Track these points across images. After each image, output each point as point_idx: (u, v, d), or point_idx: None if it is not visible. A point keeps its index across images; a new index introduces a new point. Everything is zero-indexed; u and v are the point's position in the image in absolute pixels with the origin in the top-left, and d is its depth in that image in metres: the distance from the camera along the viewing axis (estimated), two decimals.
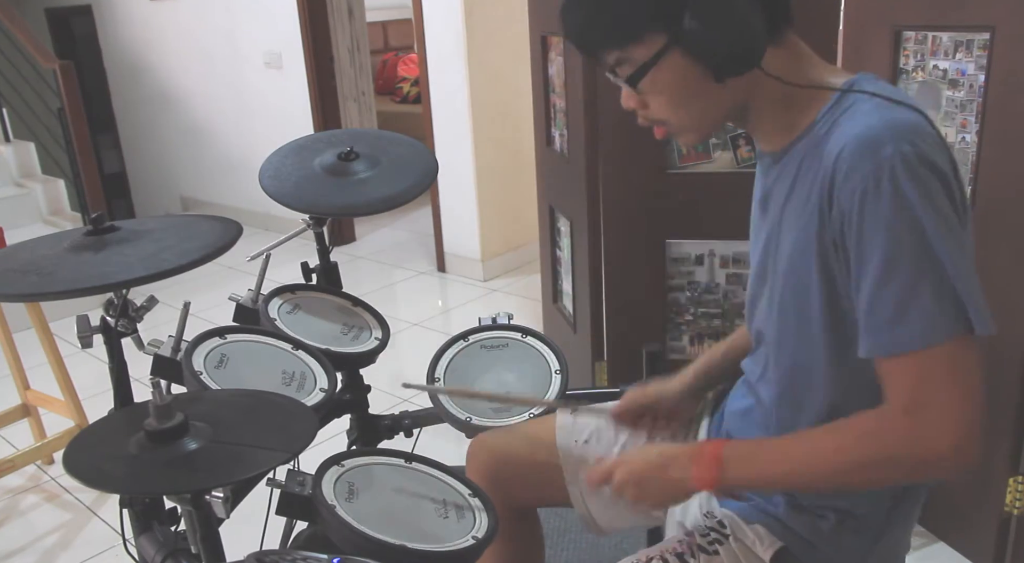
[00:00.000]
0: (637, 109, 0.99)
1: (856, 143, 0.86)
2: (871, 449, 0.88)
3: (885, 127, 0.85)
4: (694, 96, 0.95)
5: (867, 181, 0.84)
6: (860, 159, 0.85)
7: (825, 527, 1.03)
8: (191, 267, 1.19)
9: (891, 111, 0.88)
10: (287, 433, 1.05)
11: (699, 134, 1.01)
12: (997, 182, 1.72)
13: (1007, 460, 1.80)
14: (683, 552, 1.06)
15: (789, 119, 0.97)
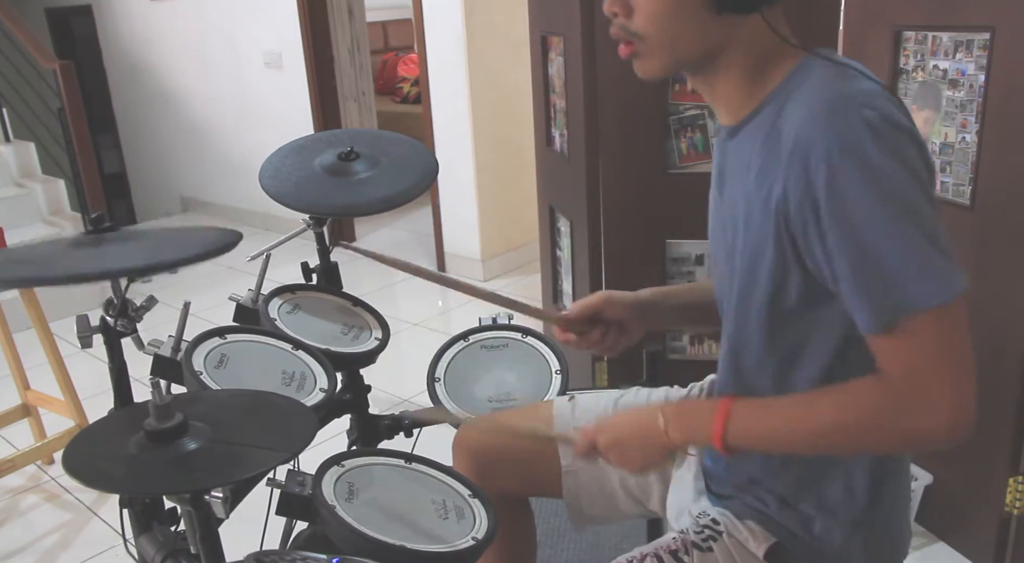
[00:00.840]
0: (619, 14, 0.95)
1: (818, 113, 0.84)
2: (858, 414, 0.87)
3: (845, 95, 0.85)
4: (685, 17, 0.91)
5: (831, 151, 0.82)
6: (823, 128, 0.83)
7: (817, 524, 1.04)
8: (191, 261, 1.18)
9: (850, 81, 0.87)
10: (287, 433, 1.05)
11: (665, 62, 0.96)
12: (997, 182, 1.72)
13: (1007, 460, 1.80)
14: (677, 549, 1.06)
15: (752, 87, 0.95)
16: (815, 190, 0.84)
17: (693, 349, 2.44)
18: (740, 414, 0.95)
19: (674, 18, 0.92)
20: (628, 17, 0.95)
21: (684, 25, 0.92)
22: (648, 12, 0.93)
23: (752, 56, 0.94)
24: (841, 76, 0.88)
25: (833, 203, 0.83)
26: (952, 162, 1.81)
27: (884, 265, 0.82)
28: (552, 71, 2.67)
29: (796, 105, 0.89)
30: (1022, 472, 1.80)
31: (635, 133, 2.27)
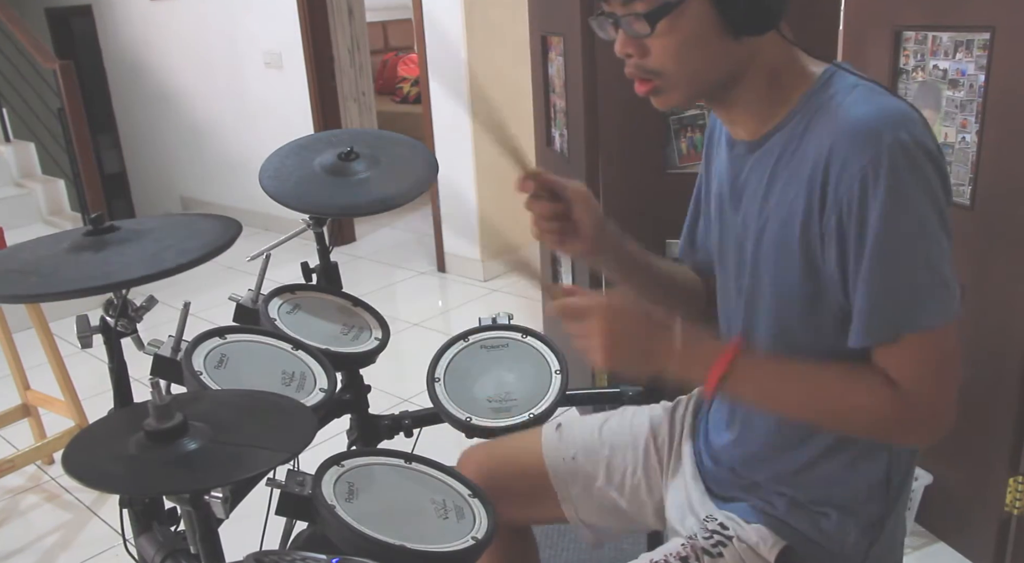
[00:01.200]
0: (633, 55, 0.93)
1: (852, 132, 0.86)
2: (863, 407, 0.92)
3: (879, 116, 0.86)
4: (704, 48, 0.91)
5: (866, 171, 0.84)
6: (858, 149, 0.85)
7: (827, 525, 1.03)
8: (191, 266, 1.19)
9: (881, 98, 0.88)
10: (287, 433, 1.05)
11: (687, 93, 0.95)
12: (997, 182, 1.71)
13: (1007, 460, 1.80)
14: (687, 556, 1.05)
15: (771, 102, 0.95)
16: (843, 208, 0.87)
17: None
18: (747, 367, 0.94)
19: (693, 51, 0.91)
20: (643, 57, 0.93)
21: (703, 55, 0.92)
22: (665, 49, 0.91)
23: (769, 73, 0.95)
24: (875, 94, 0.89)
25: (860, 222, 0.86)
26: (952, 162, 1.81)
27: (901, 286, 0.87)
28: (552, 71, 2.67)
29: (826, 121, 0.89)
30: (1022, 472, 1.80)
31: (635, 133, 2.27)
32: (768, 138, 0.96)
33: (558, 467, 1.29)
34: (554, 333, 2.99)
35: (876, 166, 0.83)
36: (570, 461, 1.29)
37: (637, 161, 2.28)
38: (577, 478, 1.28)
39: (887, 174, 0.83)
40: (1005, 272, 1.73)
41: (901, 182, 0.83)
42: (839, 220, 0.87)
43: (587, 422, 1.33)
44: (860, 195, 0.85)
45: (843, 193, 0.86)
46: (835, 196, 0.87)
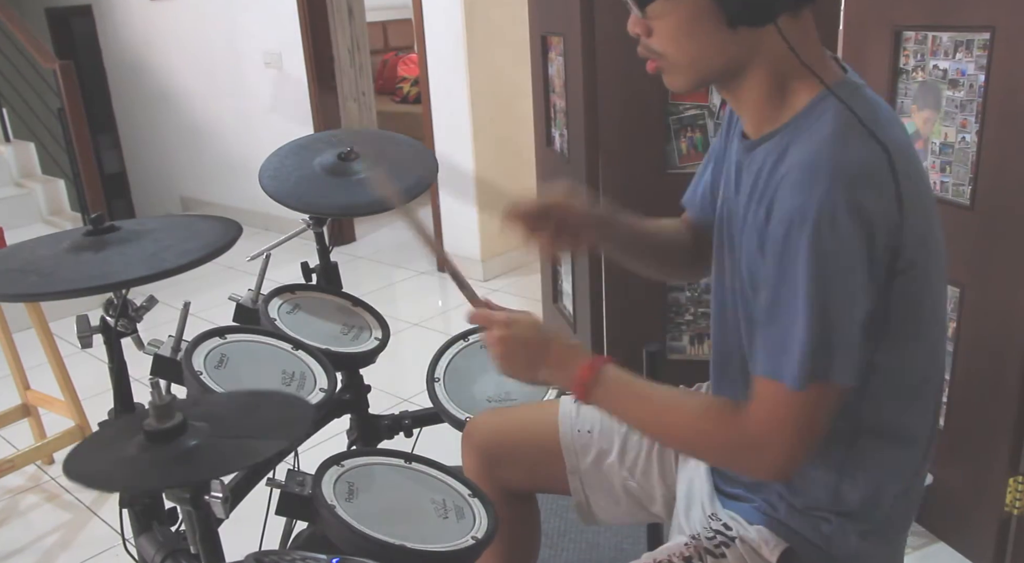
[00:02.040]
0: (640, 35, 0.96)
1: (798, 172, 0.87)
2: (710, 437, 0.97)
3: (829, 163, 0.85)
4: (701, 35, 0.92)
5: (793, 214, 0.85)
6: (796, 190, 0.86)
7: (827, 528, 1.03)
8: (191, 267, 1.19)
9: (845, 144, 0.87)
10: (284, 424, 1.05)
11: (690, 78, 0.97)
12: (997, 182, 1.71)
13: (1007, 460, 1.80)
14: (690, 556, 1.06)
15: (773, 106, 0.95)
16: (768, 236, 0.89)
17: (693, 349, 2.44)
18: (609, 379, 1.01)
19: (690, 36, 0.93)
20: (648, 37, 0.95)
21: (700, 43, 0.93)
22: (665, 32, 0.94)
23: (774, 75, 0.94)
24: (841, 137, 0.87)
25: (777, 258, 0.87)
26: (952, 162, 1.81)
27: (768, 329, 0.90)
28: (552, 71, 2.67)
29: (796, 149, 0.90)
30: (1022, 472, 1.80)
31: (635, 133, 2.27)
32: (763, 141, 0.96)
33: (572, 438, 1.30)
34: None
35: (802, 215, 0.84)
36: (585, 434, 1.30)
37: (637, 161, 2.28)
38: (589, 452, 1.28)
39: (809, 230, 0.84)
40: (1005, 272, 1.73)
41: (821, 242, 0.83)
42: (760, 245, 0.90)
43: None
44: (783, 240, 0.86)
45: (774, 227, 0.88)
46: (767, 222, 0.89)
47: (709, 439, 0.98)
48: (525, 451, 1.33)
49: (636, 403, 1.02)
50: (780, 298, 0.88)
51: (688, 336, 2.43)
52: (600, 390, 1.01)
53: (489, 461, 1.33)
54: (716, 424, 0.96)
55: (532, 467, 1.33)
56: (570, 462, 1.29)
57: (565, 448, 1.29)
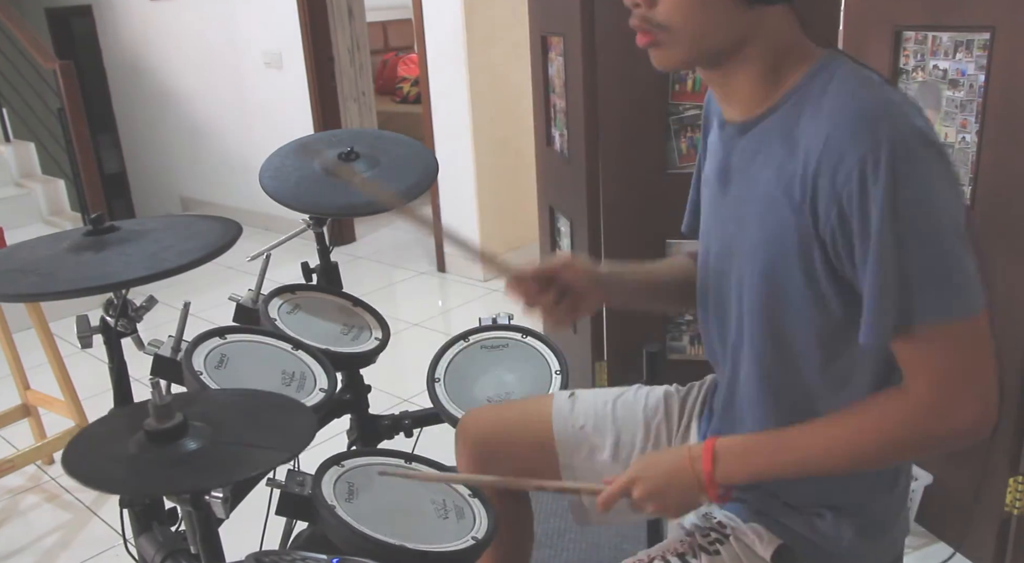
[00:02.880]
0: (641, 4, 0.92)
1: (849, 123, 0.84)
2: (894, 431, 0.90)
3: (877, 106, 0.84)
4: (713, 8, 0.89)
5: (865, 162, 0.82)
6: (855, 140, 0.83)
7: (822, 524, 1.04)
8: (191, 267, 1.19)
9: (878, 89, 0.87)
10: (287, 433, 1.05)
11: (688, 53, 0.93)
12: (997, 182, 1.71)
13: (1007, 460, 1.80)
14: (684, 552, 1.06)
15: (768, 83, 0.94)
16: (843, 200, 0.85)
17: (693, 349, 2.44)
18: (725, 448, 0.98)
19: (701, 8, 0.89)
20: (651, 7, 0.91)
21: (712, 15, 0.90)
22: (674, 2, 0.90)
23: (772, 51, 0.93)
24: (869, 84, 0.87)
25: (862, 214, 0.84)
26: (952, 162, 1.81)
27: (911, 277, 0.84)
28: (552, 71, 2.67)
29: (822, 109, 0.87)
30: (1022, 472, 1.80)
31: (635, 133, 2.27)
32: (760, 120, 0.95)
33: (565, 434, 1.29)
34: (554, 334, 2.99)
35: (875, 157, 0.81)
36: (578, 430, 1.29)
37: (637, 161, 2.28)
38: (582, 447, 1.28)
39: (886, 165, 0.81)
40: (1005, 272, 1.73)
41: (900, 173, 0.81)
42: (839, 212, 0.85)
43: (600, 395, 1.33)
44: (859, 187, 0.83)
45: (841, 185, 0.84)
46: (833, 188, 0.85)
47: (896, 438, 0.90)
48: (518, 447, 1.31)
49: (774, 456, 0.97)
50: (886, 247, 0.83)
51: (688, 336, 2.43)
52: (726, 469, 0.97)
53: (482, 458, 1.32)
54: (890, 423, 0.90)
55: (526, 464, 1.31)
56: (564, 458, 1.28)
57: (559, 444, 1.28)
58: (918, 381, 0.88)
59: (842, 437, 0.93)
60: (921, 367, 0.88)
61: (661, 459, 1.04)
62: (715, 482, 0.98)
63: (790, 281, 0.93)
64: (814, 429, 0.95)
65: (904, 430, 0.90)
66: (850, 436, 0.93)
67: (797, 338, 0.97)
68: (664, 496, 1.01)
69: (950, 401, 0.87)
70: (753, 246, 0.96)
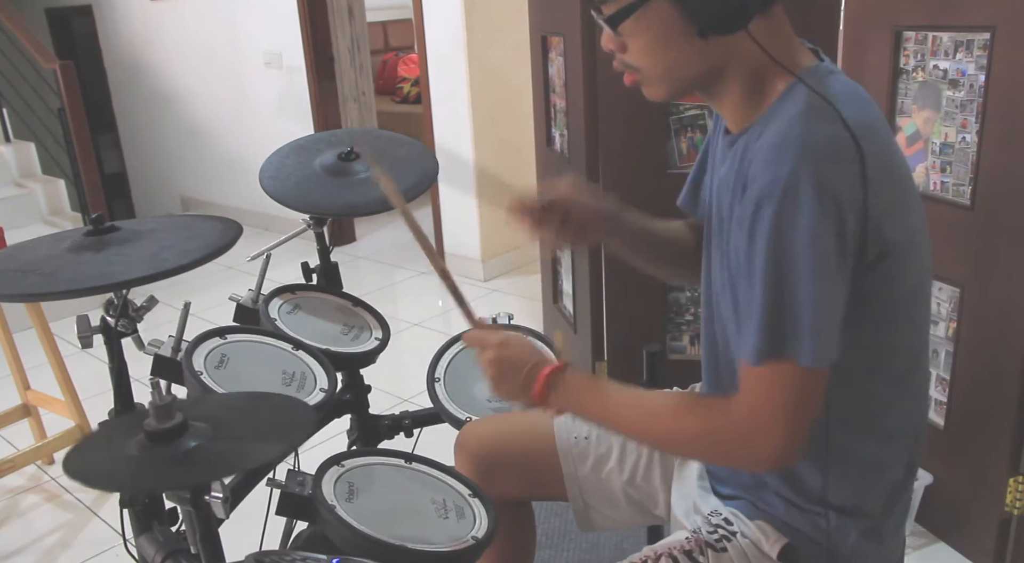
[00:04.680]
0: (615, 51, 0.98)
1: (765, 152, 0.87)
2: (705, 433, 0.95)
3: (795, 142, 0.85)
4: (673, 48, 0.93)
5: (762, 191, 0.85)
6: (763, 169, 0.86)
7: (826, 525, 1.04)
8: (191, 267, 1.19)
9: (809, 123, 0.87)
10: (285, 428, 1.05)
11: (667, 89, 0.98)
12: (997, 182, 1.72)
13: (1007, 460, 1.80)
14: (691, 549, 1.06)
15: (750, 103, 0.96)
16: (743, 220, 0.88)
17: (693, 349, 2.44)
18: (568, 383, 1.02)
19: (663, 49, 0.94)
20: (623, 52, 0.97)
21: (674, 54, 0.94)
22: (638, 47, 0.95)
23: (750, 73, 0.95)
24: (808, 116, 0.87)
25: (750, 240, 0.87)
26: (952, 162, 1.81)
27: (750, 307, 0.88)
28: (552, 71, 2.67)
29: (766, 134, 0.90)
30: (1022, 472, 1.80)
31: (635, 133, 2.27)
32: (740, 136, 0.97)
33: (569, 445, 1.29)
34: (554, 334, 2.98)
35: (770, 192, 0.84)
36: (583, 441, 1.29)
37: (637, 161, 2.28)
38: (587, 458, 1.28)
39: (774, 205, 0.84)
40: (1005, 272, 1.73)
41: (784, 216, 0.83)
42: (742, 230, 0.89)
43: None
44: (752, 216, 0.86)
45: (744, 209, 0.88)
46: (743, 207, 0.88)
47: (705, 437, 0.95)
48: (521, 459, 1.32)
49: (601, 407, 1.02)
50: (748, 276, 0.88)
51: (688, 336, 2.43)
52: (559, 395, 1.02)
53: (484, 470, 1.32)
54: (698, 415, 0.96)
55: (528, 475, 1.32)
56: (567, 469, 1.28)
57: (562, 455, 1.29)
58: (739, 402, 0.91)
59: (661, 421, 0.98)
60: (744, 390, 0.91)
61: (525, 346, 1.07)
62: (545, 402, 1.02)
63: None
64: (643, 403, 1.01)
65: (710, 437, 0.94)
66: (667, 423, 0.97)
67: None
68: (501, 375, 1.05)
69: (758, 432, 0.90)
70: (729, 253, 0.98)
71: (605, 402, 1.02)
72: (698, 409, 0.97)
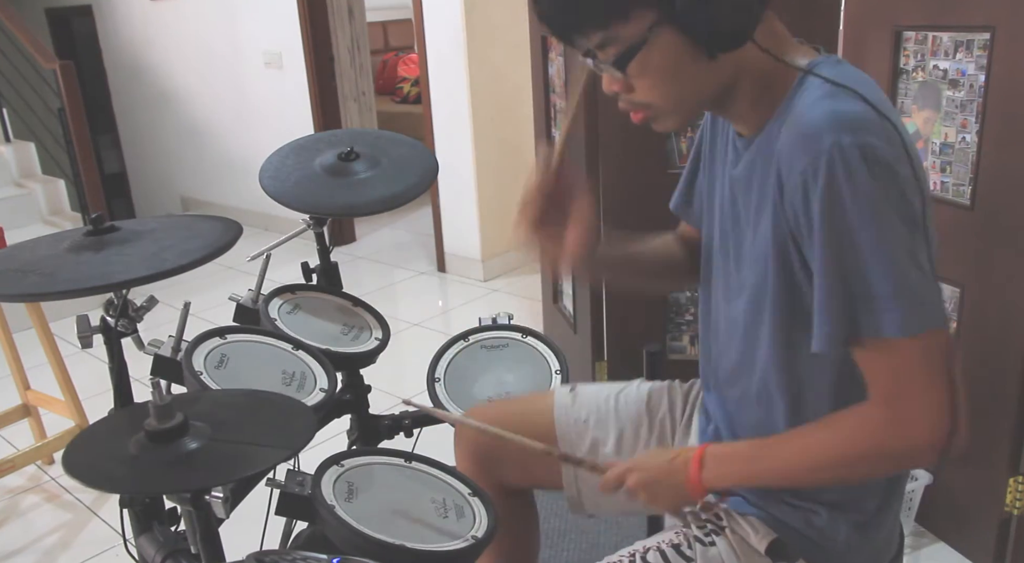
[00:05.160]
0: (620, 93, 0.95)
1: (796, 135, 0.86)
2: (854, 443, 0.92)
3: (824, 118, 0.84)
4: (684, 76, 0.91)
5: (806, 174, 0.84)
6: (799, 152, 0.85)
7: (818, 521, 1.04)
8: (191, 267, 1.19)
9: (835, 101, 0.86)
10: (286, 431, 1.05)
11: (682, 118, 0.97)
12: (997, 182, 1.71)
13: (1007, 460, 1.80)
14: (680, 543, 1.06)
15: (762, 105, 0.96)
16: (796, 208, 0.87)
17: (693, 349, 2.44)
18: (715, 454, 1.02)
19: (672, 80, 0.92)
20: (630, 92, 0.95)
21: (687, 81, 0.92)
22: (647, 84, 0.92)
23: (760, 78, 0.95)
24: (830, 97, 0.87)
25: (808, 224, 0.86)
26: (952, 162, 1.81)
27: (853, 290, 0.85)
28: (552, 71, 2.67)
29: (788, 125, 0.89)
30: (1022, 472, 1.80)
31: (635, 133, 2.26)
32: (755, 138, 0.97)
33: (568, 428, 1.29)
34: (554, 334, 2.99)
35: (814, 169, 0.83)
36: (581, 424, 1.29)
37: (637, 161, 2.28)
38: (585, 441, 1.28)
39: (823, 178, 0.82)
40: (1005, 272, 1.73)
41: (836, 186, 0.82)
42: (795, 222, 0.88)
43: (602, 389, 1.33)
44: (803, 197, 0.85)
45: (790, 196, 0.87)
46: (789, 201, 0.88)
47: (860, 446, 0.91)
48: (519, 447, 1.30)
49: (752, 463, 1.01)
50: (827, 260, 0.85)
51: (688, 336, 2.43)
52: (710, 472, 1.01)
53: (483, 457, 1.32)
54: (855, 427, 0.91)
55: (526, 461, 1.30)
56: (565, 451, 1.28)
57: (562, 439, 1.28)
58: (874, 394, 0.90)
59: (812, 449, 0.95)
60: (874, 380, 0.89)
61: (659, 455, 1.08)
62: (702, 486, 1.02)
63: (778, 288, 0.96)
64: (790, 439, 0.98)
65: (865, 443, 0.91)
66: (820, 447, 0.94)
67: (793, 340, 0.98)
68: (655, 490, 1.06)
69: (901, 416, 0.87)
70: (752, 257, 0.99)
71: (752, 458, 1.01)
72: (840, 421, 0.94)
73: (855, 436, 0.91)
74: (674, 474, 1.04)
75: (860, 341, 0.87)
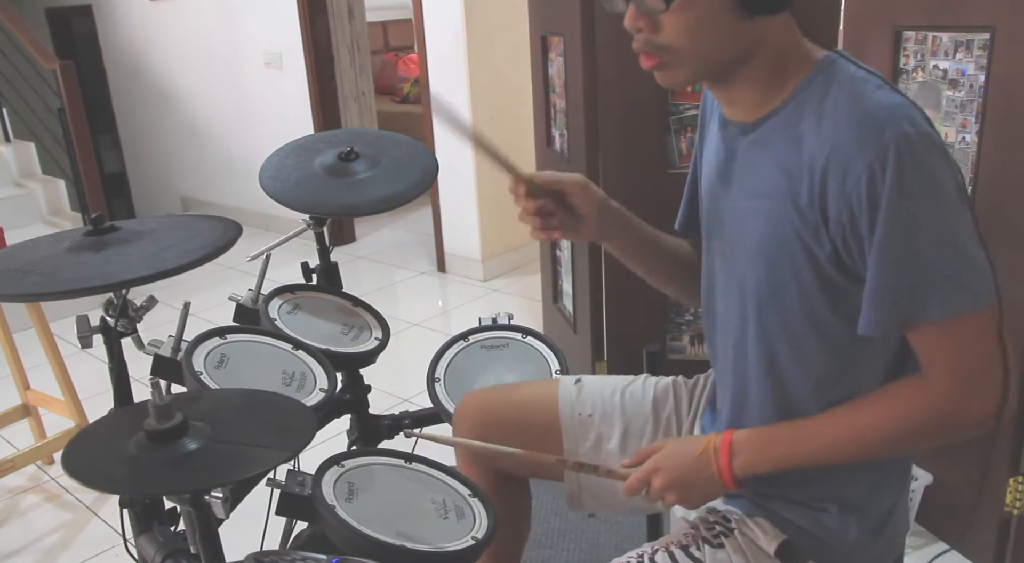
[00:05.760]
0: (644, 30, 0.92)
1: (855, 128, 0.86)
2: (914, 415, 0.92)
3: (881, 109, 0.86)
4: (717, 26, 0.90)
5: (873, 167, 0.84)
6: (862, 145, 0.85)
7: (828, 520, 1.04)
8: (191, 267, 1.19)
9: (880, 93, 0.88)
10: (287, 432, 1.05)
11: (695, 71, 0.94)
12: (997, 182, 1.71)
13: (1007, 460, 1.79)
14: (688, 545, 1.06)
15: (772, 85, 0.95)
16: (852, 202, 0.87)
17: (693, 349, 2.44)
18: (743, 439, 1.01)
19: (706, 28, 0.91)
20: (655, 31, 0.92)
21: (716, 34, 0.91)
22: (678, 26, 0.90)
23: (775, 57, 0.94)
24: (872, 87, 0.89)
25: (872, 215, 0.86)
26: None
27: (921, 274, 0.87)
28: (552, 71, 2.67)
29: (824, 112, 0.89)
30: (1022, 472, 1.80)
31: (635, 133, 2.27)
32: (764, 121, 0.97)
33: (571, 421, 1.28)
34: (554, 334, 2.99)
35: (882, 162, 0.84)
36: (585, 418, 1.28)
37: (637, 161, 2.28)
38: (589, 435, 1.27)
39: (893, 169, 0.84)
40: (1005, 272, 1.72)
41: (906, 175, 0.84)
42: (850, 213, 0.88)
43: (607, 384, 1.32)
44: (868, 190, 0.85)
45: (851, 188, 0.86)
46: (842, 191, 0.87)
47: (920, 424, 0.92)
48: (521, 432, 1.28)
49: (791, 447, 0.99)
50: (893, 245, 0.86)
51: (688, 336, 2.43)
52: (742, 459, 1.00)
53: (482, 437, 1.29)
54: (912, 409, 0.93)
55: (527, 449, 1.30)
56: (568, 445, 1.27)
57: (565, 432, 1.27)
58: (937, 369, 0.91)
59: (863, 424, 0.95)
60: (938, 357, 0.90)
61: (682, 450, 1.05)
62: (735, 474, 1.00)
63: (793, 278, 0.95)
64: (835, 417, 0.97)
65: (923, 415, 0.92)
66: (871, 423, 0.95)
67: (802, 333, 0.98)
68: (685, 487, 1.03)
69: (969, 388, 0.90)
70: (755, 243, 0.98)
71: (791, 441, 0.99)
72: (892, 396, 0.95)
73: (915, 408, 0.92)
74: (703, 469, 1.02)
75: (926, 321, 0.88)
